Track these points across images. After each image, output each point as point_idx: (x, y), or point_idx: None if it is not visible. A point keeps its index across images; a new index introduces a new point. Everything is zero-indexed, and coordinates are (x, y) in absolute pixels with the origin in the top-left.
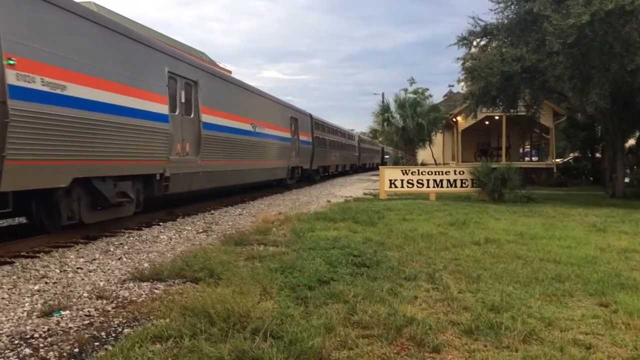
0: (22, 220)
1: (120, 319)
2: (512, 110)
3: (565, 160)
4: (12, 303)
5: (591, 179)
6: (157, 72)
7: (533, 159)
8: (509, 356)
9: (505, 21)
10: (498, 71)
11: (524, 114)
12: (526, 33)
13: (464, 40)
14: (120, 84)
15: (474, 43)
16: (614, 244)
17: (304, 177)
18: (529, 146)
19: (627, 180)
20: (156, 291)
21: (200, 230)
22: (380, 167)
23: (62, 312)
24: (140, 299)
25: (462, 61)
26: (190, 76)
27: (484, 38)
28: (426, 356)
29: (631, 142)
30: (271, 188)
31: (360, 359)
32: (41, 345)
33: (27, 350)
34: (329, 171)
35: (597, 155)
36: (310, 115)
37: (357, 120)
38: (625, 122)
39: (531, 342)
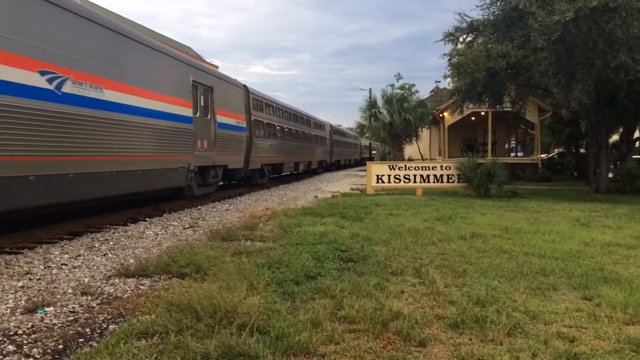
0: None
1: (105, 315)
2: (498, 106)
3: (550, 155)
4: None
5: (575, 174)
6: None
7: (518, 154)
8: (494, 349)
9: (491, 17)
10: (484, 67)
11: (509, 109)
12: (512, 29)
13: (451, 36)
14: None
15: (460, 39)
16: (598, 238)
17: (239, 180)
18: (514, 142)
19: (610, 175)
20: (142, 287)
21: (186, 226)
22: (367, 162)
23: (46, 309)
24: (126, 295)
25: (448, 57)
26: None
27: (470, 34)
28: (412, 350)
29: (615, 137)
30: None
31: (346, 354)
32: (25, 341)
33: (11, 347)
34: (282, 170)
35: (582, 150)
36: (246, 88)
37: (345, 115)
38: (609, 118)
39: (516, 335)
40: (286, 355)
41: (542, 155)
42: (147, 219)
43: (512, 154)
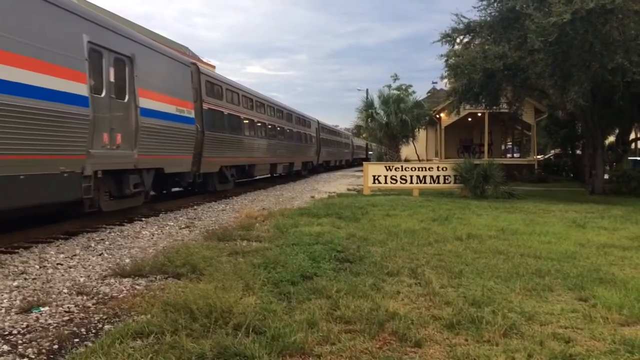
0: None
1: (101, 315)
2: (494, 107)
3: (546, 157)
4: None
5: (571, 175)
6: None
7: (515, 155)
8: (490, 350)
9: (488, 19)
10: (480, 68)
11: (506, 110)
12: (508, 31)
13: (447, 38)
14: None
15: (457, 40)
16: (593, 239)
17: (187, 187)
18: (510, 143)
19: (606, 176)
20: (137, 287)
21: (182, 226)
22: (364, 163)
23: (42, 309)
24: (122, 295)
25: (445, 58)
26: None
27: (467, 35)
28: (408, 351)
29: (611, 139)
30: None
31: (342, 354)
32: (20, 341)
33: (5, 347)
34: (253, 173)
35: (578, 152)
36: (196, 67)
37: (342, 116)
38: (605, 119)
39: (511, 336)
40: (282, 355)
41: (538, 157)
42: (143, 219)
43: (509, 155)
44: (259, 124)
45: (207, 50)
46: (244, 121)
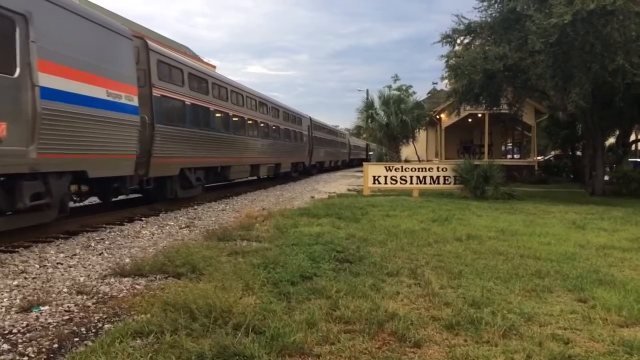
0: None
1: (101, 315)
2: (494, 108)
3: (546, 158)
4: None
5: (572, 176)
6: None
7: (515, 156)
8: (489, 351)
9: (489, 20)
10: (481, 69)
11: (506, 111)
12: (509, 32)
13: (448, 38)
14: None
15: (458, 41)
16: (593, 240)
17: (135, 191)
18: (511, 144)
19: (606, 178)
20: (137, 286)
21: (182, 226)
22: (364, 163)
23: (42, 308)
24: (121, 295)
25: (445, 59)
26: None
27: (468, 36)
28: (407, 351)
29: (611, 140)
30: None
31: (342, 354)
32: (19, 340)
33: (5, 346)
34: (228, 176)
35: (578, 153)
36: (144, 43)
37: (343, 116)
38: (605, 120)
39: (511, 337)
40: (281, 355)
41: (538, 158)
42: (143, 219)
43: (509, 156)
44: (236, 119)
45: (208, 51)
46: (216, 114)
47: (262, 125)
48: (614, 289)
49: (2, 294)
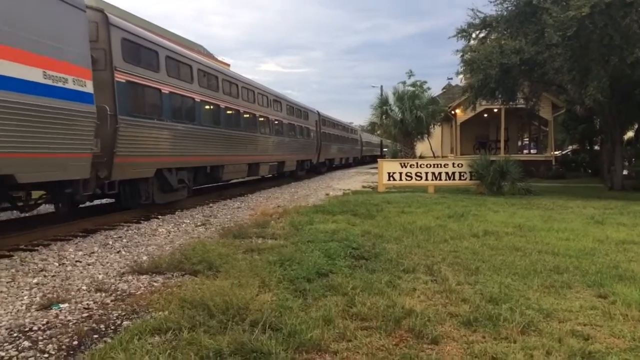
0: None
1: (119, 312)
2: (511, 103)
3: (563, 152)
4: (10, 296)
5: (590, 171)
6: None
7: (532, 151)
8: (508, 347)
9: (505, 13)
10: (497, 63)
11: (523, 106)
12: (525, 25)
13: (463, 33)
14: None
15: (473, 35)
16: (612, 235)
17: (83, 200)
18: (527, 139)
19: (625, 172)
20: (155, 284)
21: (198, 224)
22: (379, 160)
23: (61, 305)
24: (139, 292)
25: (461, 53)
26: None
27: (483, 30)
28: (425, 347)
29: (630, 134)
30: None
31: (359, 351)
32: (40, 337)
33: (26, 343)
34: (220, 176)
35: (596, 147)
36: (104, 16)
37: (356, 113)
38: (624, 114)
39: (529, 333)
40: (298, 352)
41: (555, 153)
42: (160, 217)
43: (525, 151)
44: (230, 112)
45: (223, 49)
46: (204, 106)
47: (261, 119)
48: (635, 285)
49: (23, 292)
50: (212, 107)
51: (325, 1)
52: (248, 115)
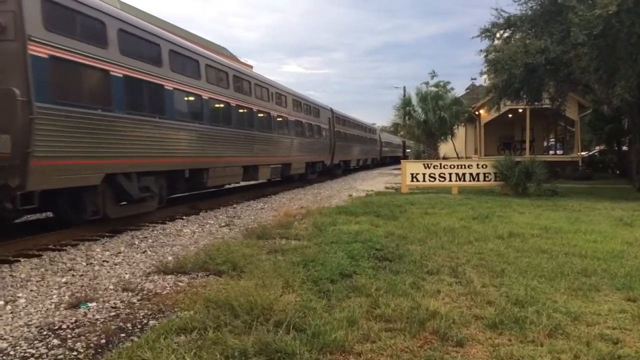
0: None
1: (146, 311)
2: (536, 103)
3: (590, 153)
4: (40, 295)
5: (617, 172)
6: None
7: (558, 152)
8: (534, 351)
9: (529, 12)
10: (522, 63)
11: (548, 106)
12: (550, 24)
13: (487, 32)
14: None
15: (497, 35)
16: None
17: None
18: (553, 139)
19: None
20: (180, 284)
21: (222, 224)
22: (402, 160)
23: (89, 304)
24: (165, 292)
25: (485, 53)
26: None
27: (507, 30)
28: (450, 350)
29: None
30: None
31: (383, 352)
32: (69, 336)
33: (55, 341)
34: (205, 182)
35: (624, 148)
36: None
37: (379, 114)
38: None
39: (557, 336)
40: (322, 352)
41: (582, 153)
42: (184, 217)
43: (551, 152)
44: (218, 105)
45: (245, 51)
46: (179, 97)
47: (260, 115)
48: None
49: (52, 291)
50: (191, 97)
51: (346, 2)
52: (243, 110)
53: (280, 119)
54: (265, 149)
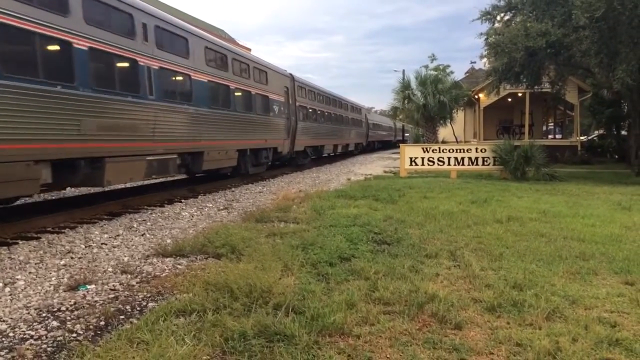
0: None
1: (145, 293)
2: (536, 87)
3: (589, 137)
4: (39, 277)
5: (616, 157)
6: None
7: (557, 136)
8: (532, 334)
9: None
10: (522, 46)
11: (548, 90)
12: (552, 7)
13: (488, 15)
14: None
15: (498, 18)
16: None
17: None
18: (552, 123)
19: None
20: (179, 267)
21: (221, 207)
22: (400, 144)
23: (88, 286)
24: (164, 274)
25: (485, 37)
26: None
27: (508, 13)
28: (448, 333)
29: None
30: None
31: (382, 335)
32: (68, 318)
33: (55, 323)
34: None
35: (623, 132)
36: None
37: (378, 98)
38: None
39: (555, 319)
40: (321, 335)
41: (581, 138)
42: (183, 201)
43: (550, 136)
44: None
45: (244, 34)
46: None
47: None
48: None
49: (51, 273)
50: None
51: None
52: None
53: (183, 84)
54: (135, 126)
